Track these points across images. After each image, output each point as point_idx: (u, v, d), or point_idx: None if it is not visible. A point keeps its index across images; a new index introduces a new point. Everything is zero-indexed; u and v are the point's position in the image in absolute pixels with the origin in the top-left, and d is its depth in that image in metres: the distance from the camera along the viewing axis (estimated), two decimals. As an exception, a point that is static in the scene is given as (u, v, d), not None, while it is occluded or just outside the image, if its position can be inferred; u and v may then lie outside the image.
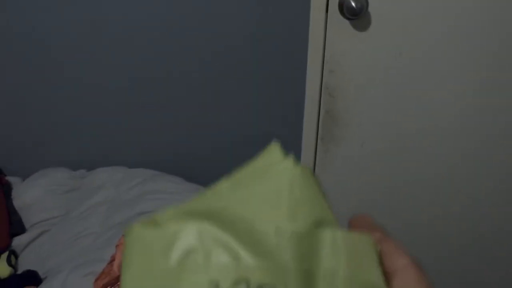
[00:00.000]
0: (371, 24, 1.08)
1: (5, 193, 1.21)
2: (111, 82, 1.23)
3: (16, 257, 1.09)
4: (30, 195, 1.21)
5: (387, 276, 0.25)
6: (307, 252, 0.24)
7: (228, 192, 0.26)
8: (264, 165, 0.28)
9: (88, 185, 1.23)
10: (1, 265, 1.02)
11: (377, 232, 0.27)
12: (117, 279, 0.85)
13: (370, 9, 1.05)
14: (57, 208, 1.18)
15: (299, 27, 1.13)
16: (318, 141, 1.27)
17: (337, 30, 1.09)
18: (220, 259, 0.23)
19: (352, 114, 1.20)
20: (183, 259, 0.23)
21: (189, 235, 0.24)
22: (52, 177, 1.25)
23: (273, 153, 0.28)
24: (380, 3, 1.05)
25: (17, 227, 1.15)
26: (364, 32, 1.09)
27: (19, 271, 1.04)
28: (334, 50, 1.12)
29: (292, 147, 1.31)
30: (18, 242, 1.11)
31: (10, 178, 1.30)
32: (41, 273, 1.01)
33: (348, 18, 1.05)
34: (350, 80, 1.15)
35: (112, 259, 0.89)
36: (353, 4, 1.01)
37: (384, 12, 1.06)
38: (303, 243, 0.24)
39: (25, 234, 1.13)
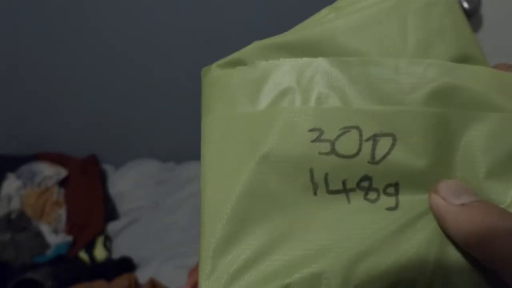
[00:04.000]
0: (482, 27, 1.00)
1: (101, 180, 1.28)
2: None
3: (110, 241, 1.15)
4: (123, 184, 1.27)
5: None
6: (443, 94, 0.18)
7: (332, 20, 0.20)
8: None
9: (177, 178, 1.27)
10: (98, 248, 1.08)
11: None
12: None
13: (483, 10, 0.98)
14: (147, 198, 1.23)
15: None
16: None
17: (443, 32, 1.03)
18: (325, 101, 0.18)
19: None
20: (274, 101, 0.19)
21: (282, 72, 0.19)
22: (143, 168, 1.30)
23: None
24: (495, 4, 0.97)
25: (111, 213, 1.21)
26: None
27: (113, 256, 1.09)
28: (439, 53, 1.06)
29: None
30: (111, 228, 1.17)
31: (104, 166, 1.37)
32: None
33: (457, 20, 0.98)
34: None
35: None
36: (465, 4, 0.95)
37: (498, 14, 0.98)
38: (434, 82, 0.18)
39: (118, 221, 1.19)
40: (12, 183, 1.22)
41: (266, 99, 0.19)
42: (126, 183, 1.28)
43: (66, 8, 1.19)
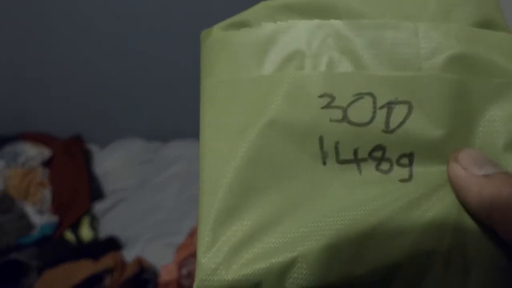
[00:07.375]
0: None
1: (85, 160, 1.26)
2: (186, 54, 1.22)
3: (97, 221, 1.14)
4: (108, 164, 1.26)
5: None
6: (463, 60, 0.17)
7: None
8: None
9: (162, 157, 1.26)
10: (84, 228, 1.07)
11: None
12: (198, 252, 0.86)
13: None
14: (133, 178, 1.22)
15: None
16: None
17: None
18: (336, 66, 0.17)
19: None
20: (282, 65, 0.17)
21: (291, 35, 0.18)
22: (128, 147, 1.29)
23: None
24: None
25: (96, 193, 1.20)
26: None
27: (100, 236, 1.09)
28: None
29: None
30: (97, 208, 1.16)
31: (89, 145, 1.35)
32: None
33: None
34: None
35: (193, 232, 0.91)
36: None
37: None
38: (455, 47, 0.17)
39: (103, 201, 1.18)
40: (-6, 164, 1.20)
41: (273, 63, 0.17)
42: (111, 163, 1.27)
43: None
